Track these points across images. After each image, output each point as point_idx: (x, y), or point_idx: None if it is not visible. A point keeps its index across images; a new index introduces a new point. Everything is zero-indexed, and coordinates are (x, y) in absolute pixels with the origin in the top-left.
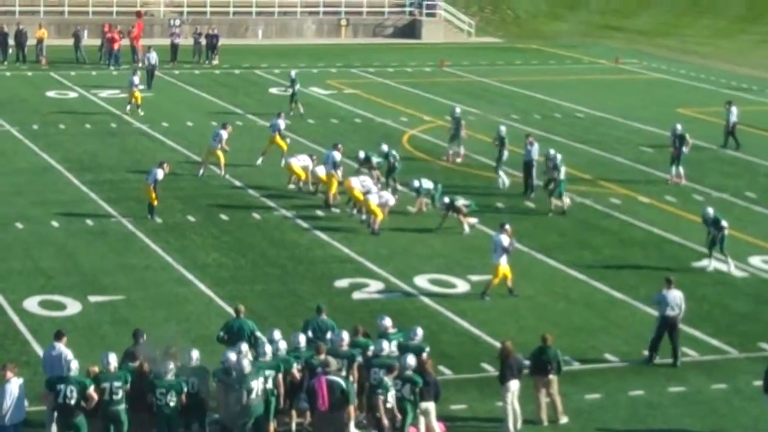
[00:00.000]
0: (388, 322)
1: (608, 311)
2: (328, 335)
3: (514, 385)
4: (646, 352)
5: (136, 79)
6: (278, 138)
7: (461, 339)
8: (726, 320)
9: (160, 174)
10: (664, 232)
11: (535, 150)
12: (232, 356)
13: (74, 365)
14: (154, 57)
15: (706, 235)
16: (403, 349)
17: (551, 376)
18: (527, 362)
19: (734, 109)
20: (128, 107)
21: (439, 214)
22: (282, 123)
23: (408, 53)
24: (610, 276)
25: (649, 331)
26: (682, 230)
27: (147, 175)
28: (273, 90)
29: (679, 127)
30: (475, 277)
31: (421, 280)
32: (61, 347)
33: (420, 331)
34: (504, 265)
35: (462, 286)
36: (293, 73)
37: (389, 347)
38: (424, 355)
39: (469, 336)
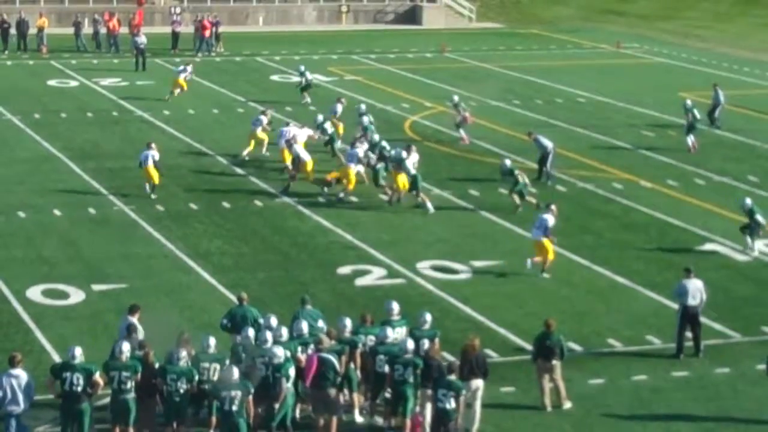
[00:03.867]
0: (395, 308)
1: (611, 296)
2: (320, 323)
3: (475, 384)
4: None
5: (189, 68)
6: (258, 133)
7: (464, 325)
8: (729, 304)
9: (156, 155)
10: (667, 217)
11: (543, 140)
12: (278, 351)
13: (78, 352)
14: (142, 39)
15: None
16: (416, 336)
17: (555, 362)
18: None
19: (720, 92)
20: (168, 96)
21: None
22: (265, 119)
23: (409, 39)
24: (613, 261)
25: (651, 316)
26: (684, 214)
27: (141, 160)
28: (274, 77)
29: (689, 102)
30: (477, 263)
31: (424, 267)
32: (134, 321)
33: (429, 317)
34: (546, 242)
35: (464, 273)
36: (302, 67)
37: (394, 334)
38: (436, 341)
39: (473, 322)
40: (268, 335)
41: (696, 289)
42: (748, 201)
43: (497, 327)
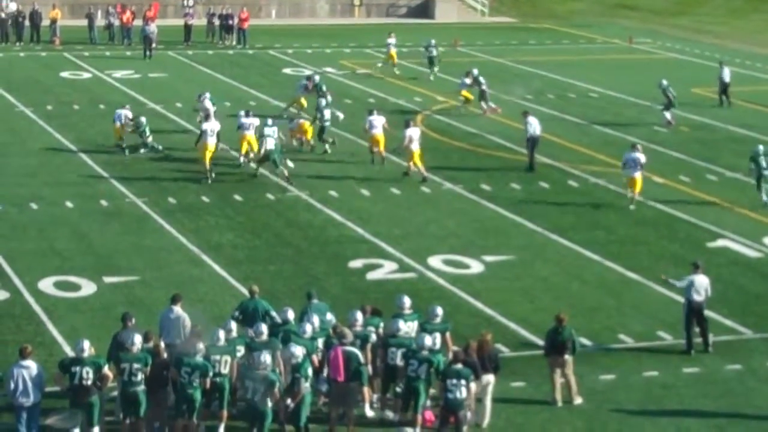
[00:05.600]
0: (407, 302)
1: (622, 292)
2: (328, 316)
3: (486, 379)
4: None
5: (392, 40)
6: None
7: (475, 320)
8: (740, 301)
9: (129, 114)
10: (678, 212)
11: (531, 123)
12: (297, 351)
13: (86, 345)
14: (152, 28)
15: None
16: (428, 330)
17: (566, 357)
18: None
19: (726, 69)
20: (380, 64)
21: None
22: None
23: (421, 33)
24: (624, 256)
25: (663, 312)
26: (696, 210)
27: (114, 118)
28: (286, 70)
29: (664, 81)
30: (489, 258)
31: (435, 261)
32: (179, 311)
33: (440, 311)
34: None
35: (476, 267)
36: (433, 41)
37: (405, 327)
38: (447, 335)
39: (483, 317)
40: (263, 327)
41: (701, 285)
42: None
43: (508, 322)
